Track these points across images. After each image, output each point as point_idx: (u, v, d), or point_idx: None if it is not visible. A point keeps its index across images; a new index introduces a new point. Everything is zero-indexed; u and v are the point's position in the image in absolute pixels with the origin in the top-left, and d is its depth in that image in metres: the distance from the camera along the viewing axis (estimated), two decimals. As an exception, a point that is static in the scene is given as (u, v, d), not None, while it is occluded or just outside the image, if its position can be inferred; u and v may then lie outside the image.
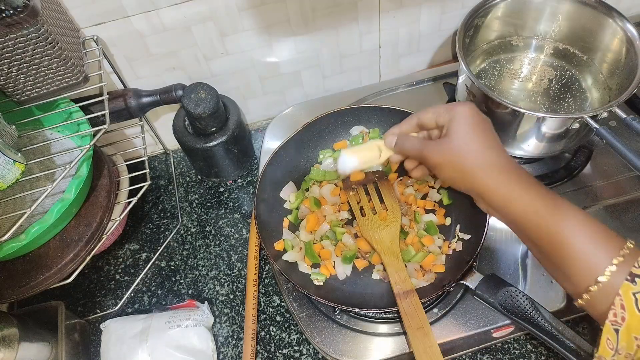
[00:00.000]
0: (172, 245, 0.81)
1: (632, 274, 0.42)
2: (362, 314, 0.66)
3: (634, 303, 0.42)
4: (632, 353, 0.42)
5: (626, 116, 0.63)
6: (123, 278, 0.78)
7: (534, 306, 0.57)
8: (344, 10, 0.75)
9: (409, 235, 0.69)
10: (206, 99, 0.72)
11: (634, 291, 0.42)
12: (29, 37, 0.54)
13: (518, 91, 0.78)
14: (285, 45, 0.79)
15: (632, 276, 0.42)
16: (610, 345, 0.44)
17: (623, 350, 0.43)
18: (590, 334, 0.65)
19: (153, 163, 0.90)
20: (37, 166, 0.65)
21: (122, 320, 0.69)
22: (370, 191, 0.72)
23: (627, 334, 0.42)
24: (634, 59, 0.69)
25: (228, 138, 0.76)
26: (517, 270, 0.67)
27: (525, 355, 0.65)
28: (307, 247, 0.68)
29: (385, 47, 0.85)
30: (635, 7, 0.89)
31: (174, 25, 0.70)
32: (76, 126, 0.67)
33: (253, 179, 0.86)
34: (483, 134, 0.53)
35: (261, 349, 0.69)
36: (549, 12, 0.78)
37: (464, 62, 0.69)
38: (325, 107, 0.75)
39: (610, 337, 0.43)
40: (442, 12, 0.81)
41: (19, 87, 0.59)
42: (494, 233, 0.71)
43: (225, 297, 0.74)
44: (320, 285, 0.67)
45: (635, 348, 0.42)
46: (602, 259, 0.44)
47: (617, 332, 0.43)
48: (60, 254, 0.63)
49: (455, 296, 0.66)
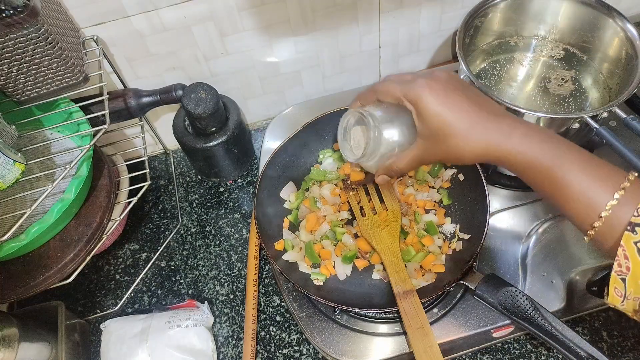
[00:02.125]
0: (172, 245, 0.81)
1: (631, 224, 0.43)
2: (362, 314, 0.66)
3: (636, 252, 0.43)
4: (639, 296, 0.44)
5: (626, 116, 0.63)
6: (123, 278, 0.78)
7: (534, 306, 0.57)
8: (343, 10, 0.75)
9: (409, 235, 0.69)
10: (206, 99, 0.72)
11: (634, 240, 0.43)
12: (29, 37, 0.54)
13: (518, 91, 0.78)
14: (285, 45, 0.79)
15: (632, 225, 0.43)
16: (618, 293, 0.45)
17: (631, 295, 0.44)
18: (590, 334, 0.65)
19: (153, 163, 0.90)
20: (37, 166, 0.65)
21: (122, 320, 0.69)
22: (370, 191, 0.72)
23: (633, 281, 0.43)
24: (634, 59, 0.69)
25: (228, 138, 0.76)
26: (517, 270, 0.67)
27: (525, 355, 0.65)
28: (307, 247, 0.69)
29: (385, 47, 0.85)
30: (635, 7, 0.89)
31: (174, 25, 0.70)
32: (76, 126, 0.67)
33: (253, 179, 0.86)
34: (460, 104, 0.50)
35: (261, 349, 0.69)
36: (549, 12, 0.78)
37: (464, 62, 0.69)
38: (325, 107, 0.75)
39: (618, 286, 0.45)
40: (442, 12, 0.81)
41: (19, 87, 0.59)
42: (494, 233, 0.71)
43: (225, 297, 0.74)
44: (320, 285, 0.67)
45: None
46: (603, 195, 0.45)
47: (624, 281, 0.44)
48: (60, 254, 0.63)
49: (455, 296, 0.66)
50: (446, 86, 0.51)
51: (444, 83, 0.51)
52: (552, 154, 0.48)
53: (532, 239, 0.69)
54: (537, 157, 0.48)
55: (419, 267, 0.67)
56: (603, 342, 0.65)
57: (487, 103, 0.52)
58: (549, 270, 0.67)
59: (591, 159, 0.47)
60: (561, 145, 0.48)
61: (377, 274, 0.68)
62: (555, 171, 0.47)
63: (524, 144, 0.48)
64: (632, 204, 0.43)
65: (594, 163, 0.47)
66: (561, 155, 0.47)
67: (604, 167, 0.47)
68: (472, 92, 0.52)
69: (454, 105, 0.50)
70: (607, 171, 0.46)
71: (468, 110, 0.50)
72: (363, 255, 0.69)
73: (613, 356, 0.64)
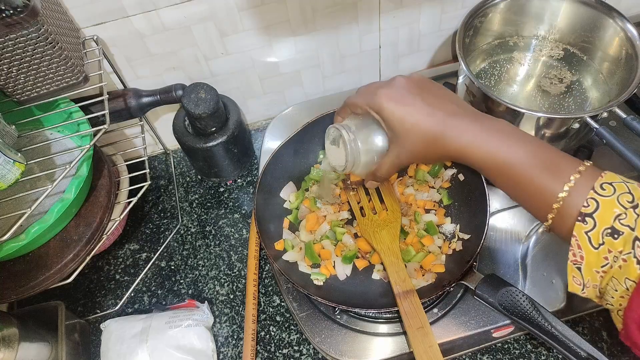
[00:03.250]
0: (172, 245, 0.81)
1: (582, 214, 0.45)
2: (362, 314, 0.66)
3: (588, 241, 0.44)
4: (597, 284, 0.46)
5: (626, 116, 0.63)
6: (123, 278, 0.78)
7: (534, 306, 0.57)
8: (343, 10, 0.76)
9: (409, 235, 0.69)
10: (206, 99, 0.72)
11: (585, 230, 0.44)
12: (29, 37, 0.54)
13: (518, 91, 0.78)
14: (285, 45, 0.79)
15: (582, 216, 0.45)
16: (577, 282, 0.47)
17: (589, 283, 0.46)
18: (590, 334, 0.65)
19: (153, 163, 0.90)
20: (37, 166, 0.65)
21: (122, 320, 0.69)
22: (370, 191, 0.72)
23: (588, 270, 0.45)
24: (634, 59, 0.69)
25: (228, 138, 0.76)
26: (517, 270, 0.67)
27: (525, 355, 0.65)
28: (307, 247, 0.69)
29: (385, 47, 0.85)
30: (635, 7, 0.89)
31: (174, 25, 0.70)
32: (76, 126, 0.67)
33: (253, 179, 0.86)
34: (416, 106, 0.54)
35: (261, 349, 0.69)
36: (549, 12, 0.78)
37: (464, 62, 0.69)
38: (325, 107, 0.75)
39: (575, 274, 0.47)
40: (442, 12, 0.81)
41: (19, 87, 0.59)
42: (494, 233, 0.71)
43: (225, 297, 0.74)
44: (320, 285, 0.67)
45: (599, 279, 0.45)
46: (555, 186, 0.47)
47: (580, 270, 0.46)
48: (60, 254, 0.63)
49: (455, 296, 0.66)
50: (403, 92, 0.55)
51: (401, 89, 0.55)
52: (505, 147, 0.50)
53: (532, 239, 0.69)
54: (491, 151, 0.50)
55: (419, 267, 0.67)
56: (603, 342, 0.65)
57: (443, 104, 0.54)
58: (549, 270, 0.67)
59: (545, 150, 0.49)
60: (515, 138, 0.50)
61: (377, 274, 0.68)
62: (510, 164, 0.49)
63: (478, 139, 0.51)
64: (583, 195, 0.45)
65: (547, 154, 0.49)
66: (515, 148, 0.49)
67: (558, 157, 0.49)
68: (430, 93, 0.55)
69: (411, 108, 0.53)
70: (560, 161, 0.48)
71: (423, 111, 0.53)
72: (363, 255, 0.69)
73: (613, 356, 0.64)
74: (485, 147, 0.50)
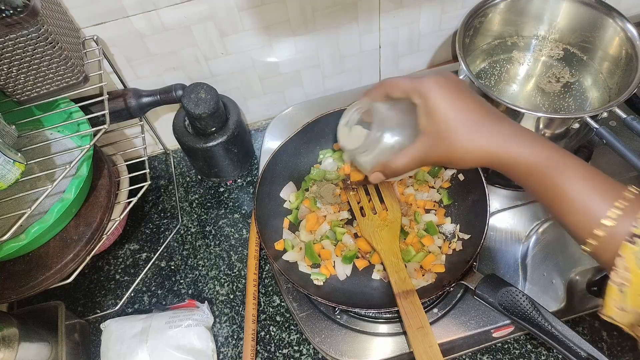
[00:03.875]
0: (172, 245, 0.81)
1: (631, 234, 0.43)
2: (362, 314, 0.66)
3: (636, 262, 0.42)
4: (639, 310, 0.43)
5: (626, 116, 0.63)
6: (123, 278, 0.78)
7: (534, 306, 0.57)
8: (343, 10, 0.75)
9: (409, 235, 0.69)
10: (206, 99, 0.72)
11: (634, 251, 0.42)
12: (29, 37, 0.54)
13: (518, 91, 0.78)
14: (285, 45, 0.79)
15: (632, 236, 0.43)
16: (617, 306, 0.44)
17: (629, 308, 0.43)
18: (591, 334, 0.65)
19: (153, 163, 0.90)
20: (37, 166, 0.65)
21: (122, 320, 0.69)
22: (370, 191, 0.72)
23: (633, 294, 0.43)
24: (634, 59, 0.69)
25: (228, 138, 0.76)
26: (517, 270, 0.67)
27: (525, 355, 0.65)
28: (307, 247, 0.69)
29: (385, 47, 0.85)
30: (635, 7, 0.89)
31: (174, 25, 0.70)
32: (76, 126, 0.67)
33: (253, 179, 0.86)
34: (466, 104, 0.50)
35: (261, 349, 0.69)
36: (548, 12, 0.78)
37: (464, 62, 0.69)
38: (325, 107, 0.75)
39: (616, 297, 0.44)
40: (442, 12, 0.81)
41: (19, 87, 0.59)
42: (494, 233, 0.71)
43: (225, 297, 0.74)
44: (320, 285, 0.67)
45: None
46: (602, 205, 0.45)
47: (623, 293, 0.43)
48: (60, 254, 0.63)
49: (455, 296, 0.66)
50: (455, 86, 0.51)
51: (453, 83, 0.51)
52: (554, 160, 0.48)
53: (532, 239, 0.69)
54: (539, 162, 0.48)
55: (419, 267, 0.67)
56: (603, 342, 0.65)
57: (491, 108, 0.52)
58: (549, 270, 0.67)
59: (591, 170, 0.47)
60: (562, 153, 0.48)
61: (377, 274, 0.68)
62: (556, 178, 0.47)
63: (526, 149, 0.48)
64: (631, 216, 0.43)
65: (594, 174, 0.47)
66: (562, 162, 0.47)
67: (604, 178, 0.47)
68: (477, 96, 0.53)
69: (461, 104, 0.50)
70: (607, 182, 0.46)
71: (473, 111, 0.50)
72: (363, 255, 0.69)
73: (613, 356, 0.64)
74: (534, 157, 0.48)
